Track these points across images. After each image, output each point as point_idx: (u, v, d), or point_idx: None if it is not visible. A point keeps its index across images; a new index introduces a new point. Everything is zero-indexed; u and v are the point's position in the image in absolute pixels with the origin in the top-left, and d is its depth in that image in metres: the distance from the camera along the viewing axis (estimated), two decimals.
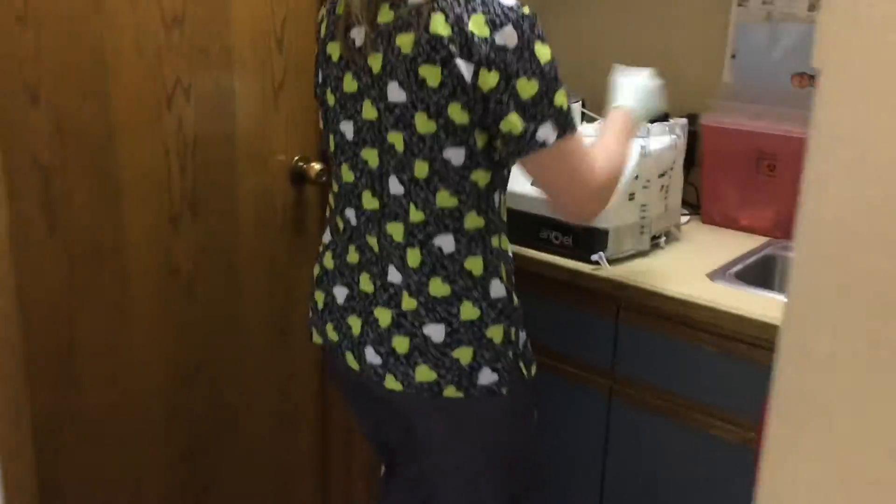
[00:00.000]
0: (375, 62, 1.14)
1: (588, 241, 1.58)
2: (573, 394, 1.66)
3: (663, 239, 1.70)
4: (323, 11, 1.29)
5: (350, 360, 1.29)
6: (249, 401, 1.79)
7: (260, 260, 1.74)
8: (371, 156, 1.20)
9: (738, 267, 1.61)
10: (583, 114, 1.88)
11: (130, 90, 1.44)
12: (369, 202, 1.23)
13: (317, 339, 1.40)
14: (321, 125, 1.31)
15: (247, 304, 1.73)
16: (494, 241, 1.23)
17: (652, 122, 1.69)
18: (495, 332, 1.22)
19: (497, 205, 1.23)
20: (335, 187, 1.31)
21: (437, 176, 1.15)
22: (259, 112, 1.67)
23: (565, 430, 1.69)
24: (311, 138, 1.78)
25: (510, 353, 1.24)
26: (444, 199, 1.17)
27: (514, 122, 1.10)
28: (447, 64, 1.07)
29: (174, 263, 1.58)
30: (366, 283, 1.26)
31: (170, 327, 1.60)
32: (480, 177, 1.18)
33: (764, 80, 1.88)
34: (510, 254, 1.30)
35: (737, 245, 1.74)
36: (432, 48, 1.08)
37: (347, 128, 1.22)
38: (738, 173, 1.83)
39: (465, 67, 1.07)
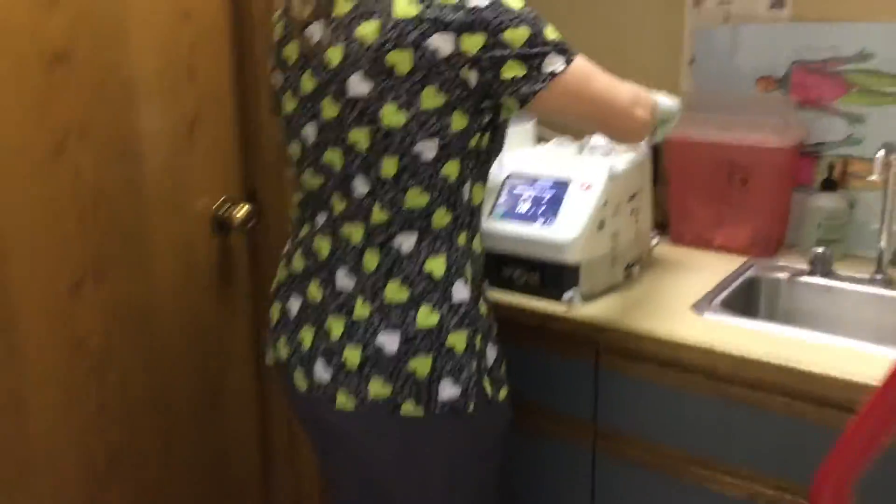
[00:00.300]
0: (334, 56, 1.08)
1: (557, 278, 1.40)
2: (552, 450, 1.47)
3: (636, 268, 1.54)
4: (277, 14, 1.22)
5: (298, 378, 1.18)
6: (180, 490, 1.55)
7: (183, 323, 1.50)
8: (335, 157, 1.12)
9: (723, 295, 1.46)
10: (538, 135, 1.70)
11: (8, 141, 1.19)
12: (339, 205, 1.15)
13: (269, 359, 1.26)
14: (284, 137, 1.23)
15: (171, 376, 1.50)
16: (461, 239, 1.14)
17: None
18: (456, 340, 1.11)
19: (467, 199, 1.14)
20: (299, 197, 1.23)
21: (406, 173, 1.09)
22: (171, 152, 1.44)
23: (545, 491, 1.50)
24: (234, 179, 1.56)
25: (474, 365, 1.11)
26: (414, 197, 1.10)
27: (515, 67, 1.06)
28: (420, 45, 1.03)
29: (79, 338, 1.33)
30: (315, 290, 1.17)
31: (78, 414, 1.35)
32: (452, 169, 1.10)
33: (727, 86, 1.74)
34: (481, 254, 1.20)
35: (714, 268, 1.59)
36: (401, 33, 1.03)
37: (310, 131, 1.15)
38: (709, 189, 1.68)
39: (442, 40, 1.03)
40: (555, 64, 1.08)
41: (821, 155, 1.68)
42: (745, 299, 1.54)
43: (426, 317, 1.10)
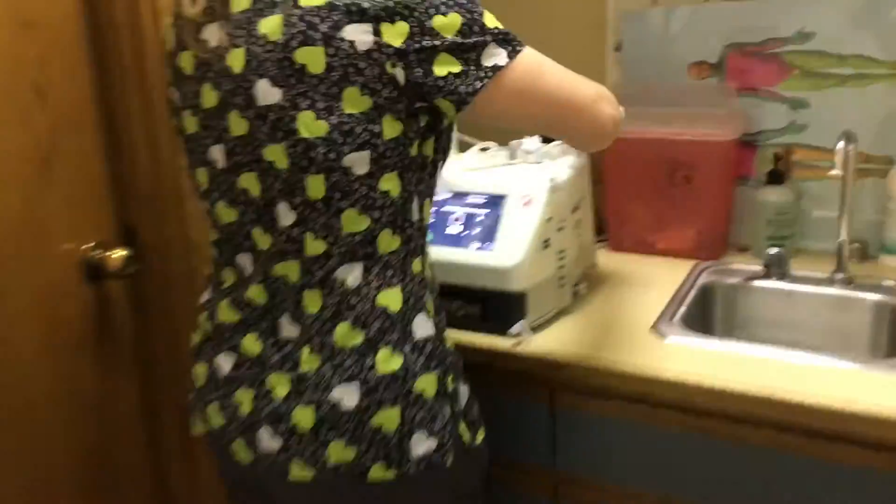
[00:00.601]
0: (236, 60, 0.91)
1: (501, 309, 1.22)
2: (508, 501, 1.30)
3: (583, 285, 1.37)
4: (167, 21, 1.03)
5: (240, 450, 1.00)
6: None
7: (56, 394, 1.24)
8: (251, 182, 0.95)
9: (681, 310, 1.31)
10: (460, 141, 1.51)
11: None
12: (263, 241, 0.97)
13: (198, 427, 1.08)
14: (188, 165, 1.04)
15: (45, 459, 1.23)
16: (416, 266, 0.98)
17: (547, 141, 1.37)
18: (426, 384, 0.95)
19: (417, 218, 0.98)
20: (214, 235, 1.05)
21: (337, 192, 0.91)
22: (23, 190, 1.18)
23: None
24: (106, 217, 1.31)
25: (447, 411, 0.97)
26: (352, 221, 0.93)
27: (448, 62, 0.89)
28: (332, 39, 0.86)
29: None
30: (251, 344, 0.99)
31: None
32: (391, 185, 0.93)
33: (658, 74, 1.60)
34: (436, 282, 1.04)
35: (664, 277, 1.45)
36: (309, 25, 0.87)
37: (217, 153, 0.97)
38: (648, 189, 1.54)
39: (359, 32, 0.86)
40: (496, 56, 0.90)
41: (762, 144, 1.55)
42: (701, 311, 1.40)
43: (387, 361, 0.94)
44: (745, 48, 1.52)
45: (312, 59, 0.87)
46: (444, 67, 0.89)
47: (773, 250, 1.41)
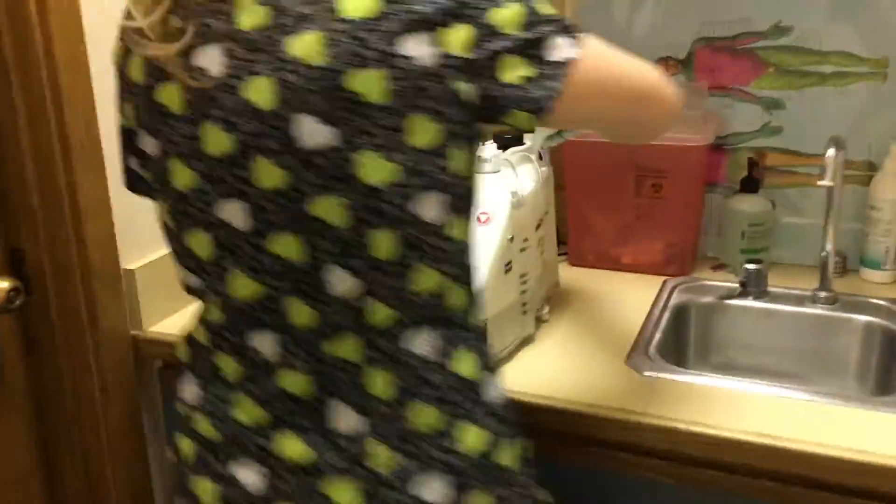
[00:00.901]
0: (260, 93, 0.72)
1: None
2: None
3: (546, 310, 1.23)
4: (120, 45, 0.81)
5: None
6: None
7: None
8: (289, 245, 0.75)
9: (656, 336, 1.18)
10: None
11: None
12: (301, 315, 0.77)
13: None
14: (168, 228, 0.82)
15: None
16: (476, 319, 0.84)
17: (504, 147, 1.22)
18: (511, 456, 0.82)
19: (472, 262, 0.83)
20: (214, 313, 0.83)
21: (408, 246, 0.75)
22: None
23: None
24: None
25: (530, 481, 0.85)
26: (423, 278, 0.77)
27: (516, 63, 0.73)
28: (389, 56, 0.70)
29: None
30: (293, 446, 0.79)
31: None
32: (458, 228, 0.78)
33: None
34: None
35: (631, 295, 1.31)
36: (359, 42, 0.70)
37: (233, 211, 0.76)
38: (614, 198, 1.40)
39: (419, 44, 0.71)
40: (563, 49, 0.75)
41: (732, 148, 1.43)
42: (675, 333, 1.27)
43: (470, 436, 0.79)
44: (716, 43, 1.39)
45: (369, 85, 0.70)
46: (514, 72, 0.73)
47: (751, 266, 1.29)
